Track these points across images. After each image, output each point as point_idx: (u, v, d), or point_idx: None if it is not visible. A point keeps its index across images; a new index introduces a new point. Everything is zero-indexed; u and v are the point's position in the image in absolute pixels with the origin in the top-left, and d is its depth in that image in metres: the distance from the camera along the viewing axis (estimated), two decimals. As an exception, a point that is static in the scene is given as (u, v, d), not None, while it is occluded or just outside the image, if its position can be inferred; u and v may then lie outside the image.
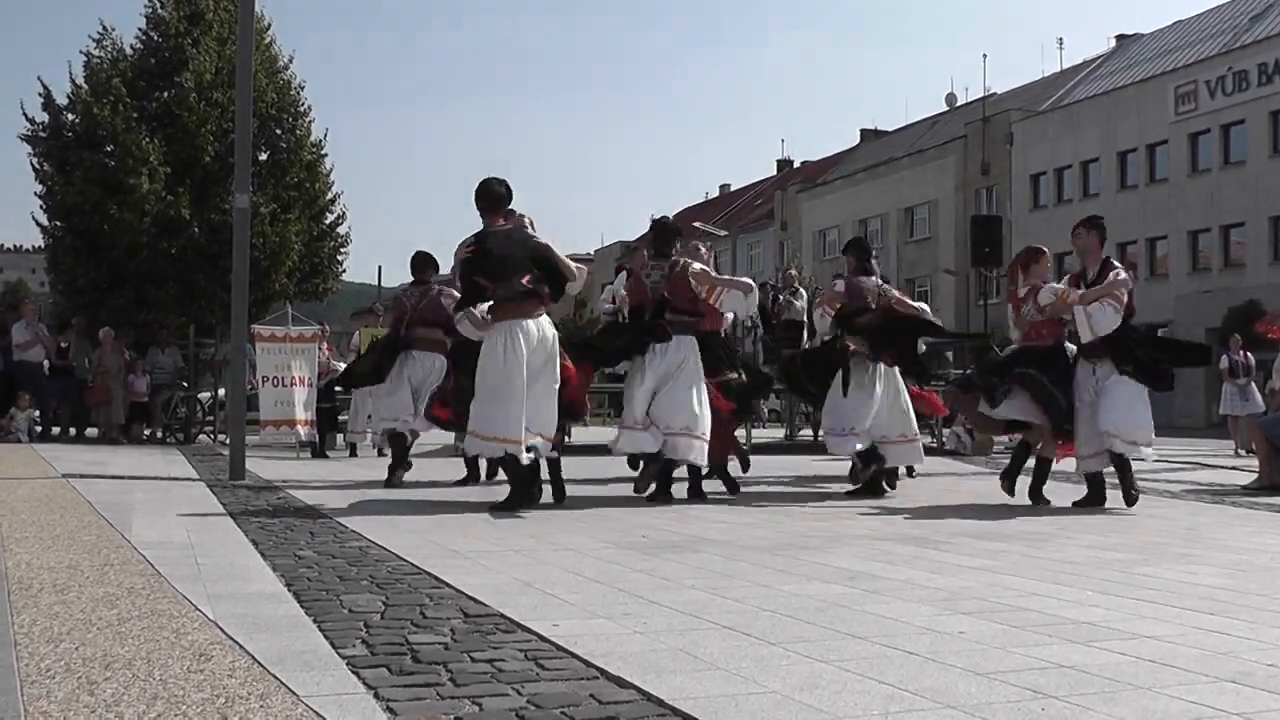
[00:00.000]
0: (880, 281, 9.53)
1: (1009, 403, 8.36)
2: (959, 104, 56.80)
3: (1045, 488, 8.58)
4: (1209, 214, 39.65)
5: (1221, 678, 3.13)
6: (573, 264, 7.75)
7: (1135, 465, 8.25)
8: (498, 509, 7.30)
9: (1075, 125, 45.25)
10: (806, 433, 18.98)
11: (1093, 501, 8.32)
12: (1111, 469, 8.24)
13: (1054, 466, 8.72)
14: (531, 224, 7.87)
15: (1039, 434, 8.59)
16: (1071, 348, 8.51)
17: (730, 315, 9.21)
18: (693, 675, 3.06)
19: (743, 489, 9.12)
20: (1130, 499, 8.04)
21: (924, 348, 10.77)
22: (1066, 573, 5.07)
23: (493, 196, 7.65)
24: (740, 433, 16.29)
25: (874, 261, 9.82)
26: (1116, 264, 8.43)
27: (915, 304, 9.85)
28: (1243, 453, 16.88)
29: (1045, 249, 9.35)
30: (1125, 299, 8.07)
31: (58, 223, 28.37)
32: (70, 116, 27.97)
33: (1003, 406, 8.40)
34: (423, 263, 10.49)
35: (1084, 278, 8.36)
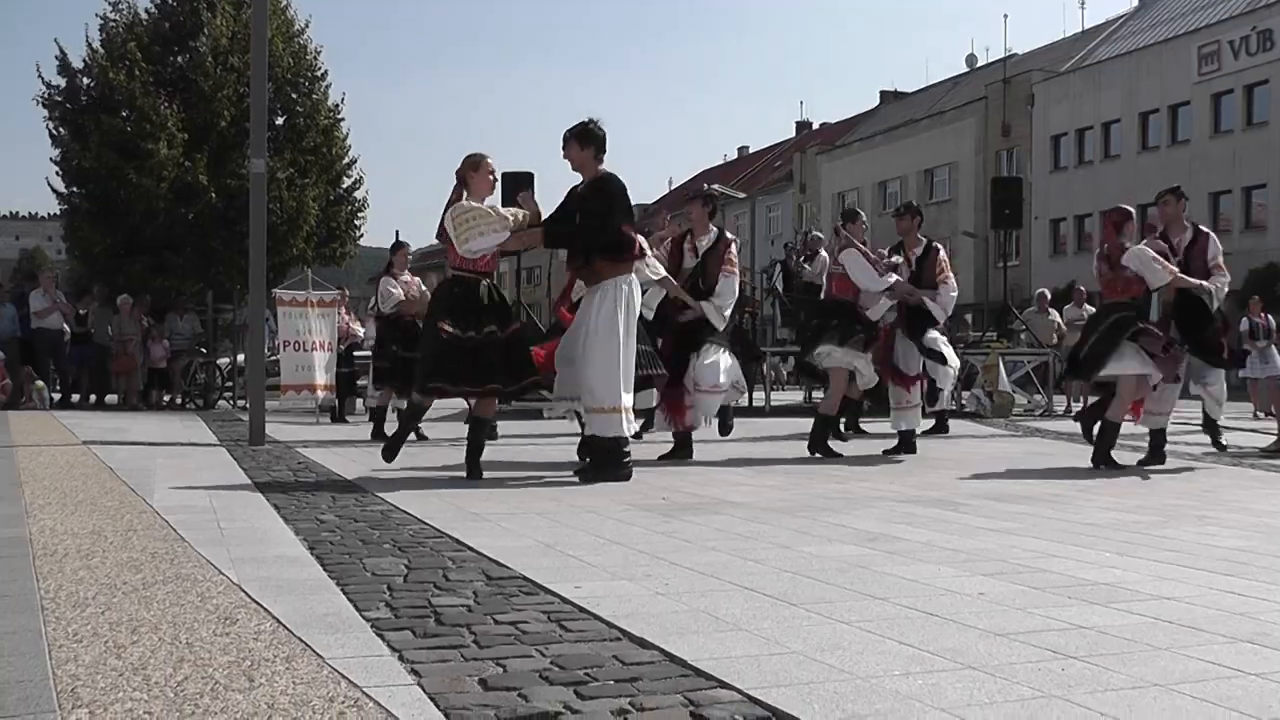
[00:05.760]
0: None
1: (1118, 361, 8.40)
2: (979, 65, 56.38)
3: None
4: (1231, 175, 39.34)
5: (1239, 638, 3.13)
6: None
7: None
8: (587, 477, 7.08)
9: (1097, 86, 44.87)
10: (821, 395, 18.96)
11: (1154, 460, 8.65)
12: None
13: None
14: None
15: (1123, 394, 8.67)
16: None
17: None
18: (714, 636, 3.08)
19: (760, 454, 9.14)
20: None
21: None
22: (1086, 534, 5.08)
23: (605, 140, 7.29)
24: (759, 395, 16.31)
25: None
26: (1208, 231, 9.04)
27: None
28: (1262, 415, 16.83)
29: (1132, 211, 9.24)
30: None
31: (74, 189, 28.44)
32: (86, 80, 27.99)
33: (1111, 365, 8.42)
34: None
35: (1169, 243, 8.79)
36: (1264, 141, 38.33)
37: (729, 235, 9.22)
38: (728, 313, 8.79)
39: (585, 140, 7.24)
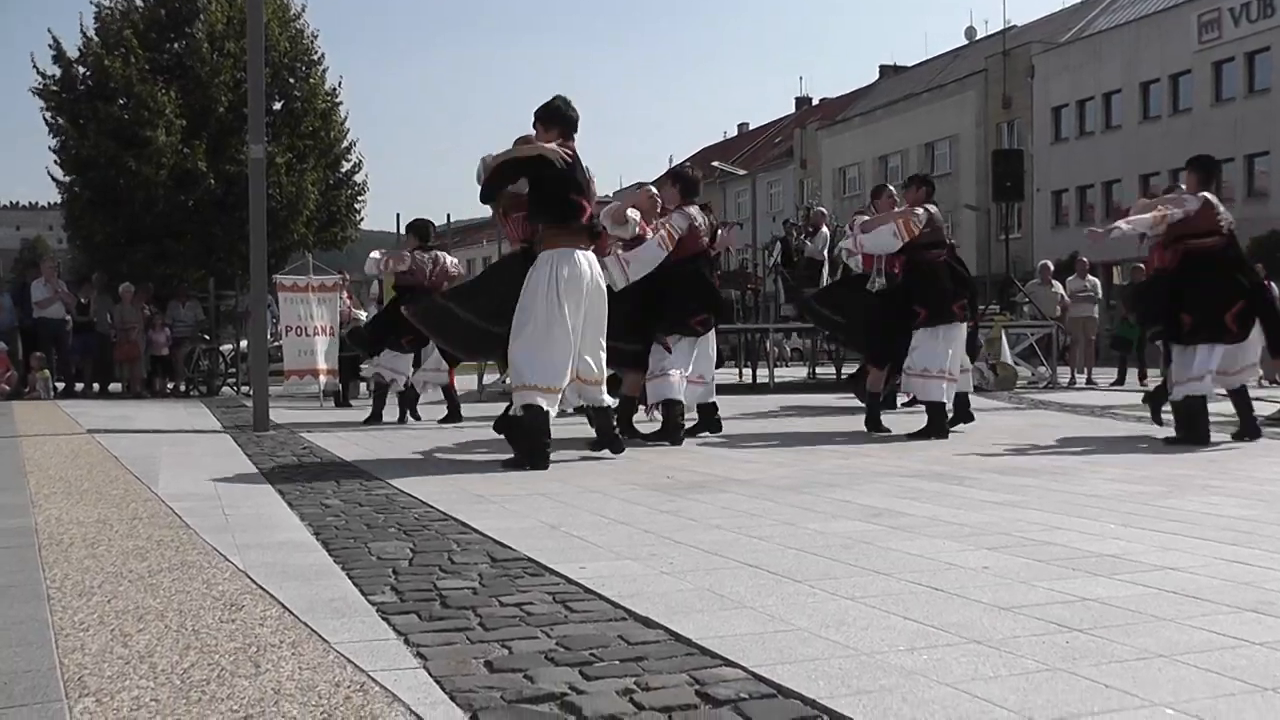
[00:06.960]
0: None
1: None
2: (979, 37, 56.11)
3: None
4: (1233, 143, 39.10)
5: (1243, 607, 3.14)
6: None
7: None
8: (508, 465, 6.83)
9: (1097, 56, 44.65)
10: (829, 370, 18.99)
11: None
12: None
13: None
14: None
15: None
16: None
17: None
18: (719, 614, 3.09)
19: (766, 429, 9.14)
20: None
21: None
22: (1090, 506, 5.08)
23: (570, 121, 7.09)
24: (763, 372, 16.33)
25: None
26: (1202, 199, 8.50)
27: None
28: (1265, 383, 16.79)
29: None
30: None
31: (74, 177, 28.40)
32: (82, 69, 27.92)
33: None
34: (427, 229, 11.47)
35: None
36: (1266, 109, 38.16)
37: (678, 215, 8.56)
38: (631, 273, 8.29)
39: (548, 121, 7.05)
